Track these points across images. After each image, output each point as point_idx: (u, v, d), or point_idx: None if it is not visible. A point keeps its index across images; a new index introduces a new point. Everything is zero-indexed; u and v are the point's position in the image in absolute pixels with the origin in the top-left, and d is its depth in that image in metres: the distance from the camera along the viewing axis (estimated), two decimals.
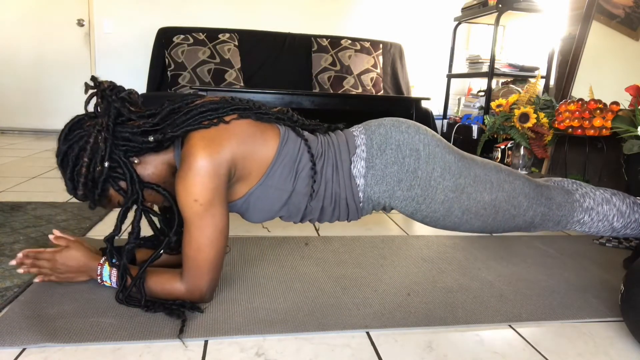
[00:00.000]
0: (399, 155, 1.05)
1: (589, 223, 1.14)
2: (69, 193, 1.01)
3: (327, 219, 1.11)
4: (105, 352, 0.84)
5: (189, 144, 0.96)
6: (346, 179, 1.06)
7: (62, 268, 1.04)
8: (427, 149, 1.06)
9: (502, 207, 1.07)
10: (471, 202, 1.05)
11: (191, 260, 0.97)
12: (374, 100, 3.30)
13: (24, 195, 1.94)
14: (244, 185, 1.03)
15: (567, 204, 1.12)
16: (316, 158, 1.05)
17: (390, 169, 1.05)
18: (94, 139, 0.96)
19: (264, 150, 1.02)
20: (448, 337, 0.96)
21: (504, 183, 1.08)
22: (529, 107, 2.48)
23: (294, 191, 1.04)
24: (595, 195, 1.15)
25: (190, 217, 0.95)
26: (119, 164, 0.98)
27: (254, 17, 4.04)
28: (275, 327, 0.95)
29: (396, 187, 1.05)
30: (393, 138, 1.07)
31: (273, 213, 1.07)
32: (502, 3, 3.18)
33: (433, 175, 1.04)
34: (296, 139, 1.06)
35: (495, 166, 1.11)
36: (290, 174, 1.03)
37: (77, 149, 0.97)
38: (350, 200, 1.07)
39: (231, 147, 0.98)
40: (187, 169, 0.93)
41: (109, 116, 0.97)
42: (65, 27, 4.01)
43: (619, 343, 0.97)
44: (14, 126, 4.10)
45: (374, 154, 1.06)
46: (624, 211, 1.15)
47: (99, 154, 0.96)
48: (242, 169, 1.00)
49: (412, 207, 1.06)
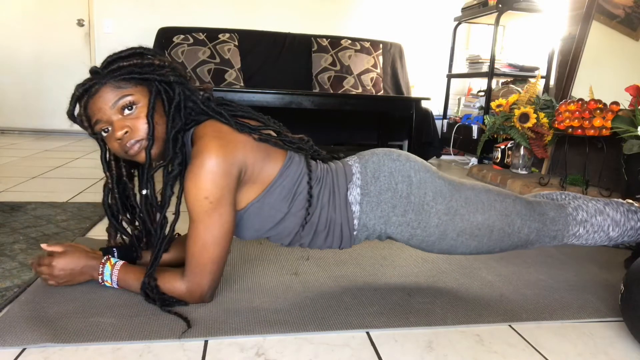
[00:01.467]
0: (392, 181, 1.07)
1: (584, 235, 1.15)
2: (109, 59, 1.00)
3: (319, 244, 1.11)
4: (105, 352, 0.84)
5: (202, 141, 0.96)
6: (342, 205, 1.07)
7: (62, 274, 1.04)
8: (418, 174, 1.08)
9: (496, 226, 1.08)
10: (465, 224, 1.06)
11: (195, 259, 0.97)
12: (374, 100, 3.30)
13: (24, 195, 1.94)
14: (245, 196, 1.02)
15: (560, 218, 1.13)
16: (314, 183, 1.05)
17: (385, 195, 1.06)
18: (169, 69, 1.00)
19: (270, 165, 1.02)
20: (448, 337, 0.96)
21: (495, 202, 1.09)
22: (529, 107, 2.48)
23: (289, 213, 1.04)
24: (588, 207, 1.16)
25: (199, 214, 0.94)
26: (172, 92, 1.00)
27: (254, 17, 4.04)
28: (275, 327, 0.95)
29: (391, 213, 1.06)
30: (386, 166, 1.09)
31: (263, 232, 1.07)
32: (502, 3, 3.18)
33: (425, 199, 1.06)
34: (299, 163, 1.06)
35: (483, 187, 1.12)
36: (288, 195, 1.03)
37: (150, 58, 1.00)
38: (344, 226, 1.08)
39: (244, 150, 0.98)
40: (199, 166, 0.93)
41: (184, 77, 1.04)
42: (65, 27, 4.01)
43: (619, 343, 0.97)
44: (14, 126, 4.11)
45: (368, 181, 1.07)
46: (618, 220, 1.15)
47: (171, 73, 1.00)
48: (250, 173, 0.99)
49: (407, 232, 1.07)
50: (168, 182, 0.99)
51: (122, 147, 0.98)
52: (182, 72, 1.03)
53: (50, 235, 1.44)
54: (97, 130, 0.99)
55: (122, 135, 0.96)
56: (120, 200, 1.09)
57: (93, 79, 0.97)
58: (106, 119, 0.97)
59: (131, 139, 0.97)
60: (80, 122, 1.00)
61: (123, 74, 0.97)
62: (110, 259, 1.06)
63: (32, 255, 1.25)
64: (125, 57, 0.99)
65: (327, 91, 3.61)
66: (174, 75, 1.01)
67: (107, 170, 1.08)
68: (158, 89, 0.99)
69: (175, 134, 0.99)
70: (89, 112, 0.98)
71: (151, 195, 1.03)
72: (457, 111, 3.99)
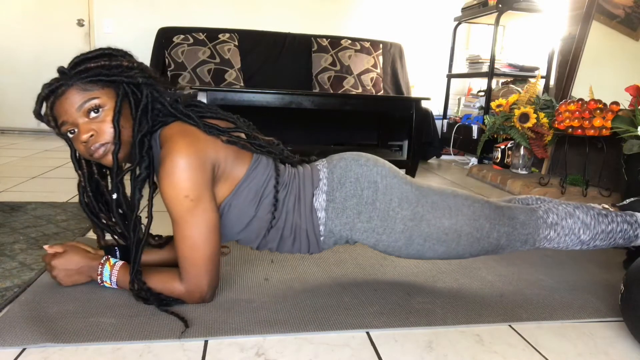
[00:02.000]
0: (358, 187, 1.06)
1: (556, 239, 1.15)
2: (76, 60, 0.98)
3: (287, 249, 1.11)
4: (105, 352, 0.84)
5: (171, 141, 0.95)
6: (307, 211, 1.06)
7: (62, 274, 1.04)
8: (385, 180, 1.07)
9: (464, 230, 1.07)
10: (431, 229, 1.06)
11: (187, 260, 0.96)
12: (374, 100, 3.29)
13: (24, 195, 1.94)
14: (217, 195, 1.01)
15: (531, 222, 1.13)
16: (281, 187, 1.05)
17: (350, 201, 1.06)
18: (137, 71, 0.99)
19: (238, 167, 1.02)
20: (448, 337, 0.96)
21: (462, 207, 1.08)
22: (529, 107, 2.48)
23: (255, 216, 1.04)
24: (559, 210, 1.16)
25: (181, 214, 0.93)
26: (140, 94, 0.99)
27: (254, 17, 4.04)
28: (275, 327, 0.95)
29: (356, 219, 1.06)
30: (352, 171, 1.08)
31: (233, 234, 1.07)
32: (502, 3, 3.18)
33: (391, 205, 1.05)
34: (267, 166, 1.06)
35: (452, 192, 1.12)
36: (255, 198, 1.03)
37: (118, 59, 0.99)
38: (310, 232, 1.07)
39: (215, 147, 0.98)
40: (172, 166, 0.92)
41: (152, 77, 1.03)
42: (65, 27, 4.01)
43: (619, 343, 0.97)
44: (14, 126, 4.10)
45: (334, 187, 1.07)
46: (588, 223, 1.16)
47: (139, 75, 0.98)
48: (222, 171, 0.99)
49: (373, 238, 1.07)
50: (136, 185, 0.98)
51: (87, 150, 0.97)
52: (151, 72, 1.02)
53: (50, 235, 1.44)
54: (63, 131, 0.98)
55: (87, 139, 0.96)
56: (95, 197, 1.08)
57: (60, 79, 0.96)
58: (72, 121, 0.96)
59: (96, 142, 0.96)
60: (47, 122, 0.99)
61: (90, 76, 0.95)
62: (110, 259, 1.06)
63: (32, 256, 1.25)
64: (93, 58, 0.98)
65: (327, 91, 3.61)
66: (142, 76, 0.99)
67: (78, 169, 1.06)
68: (125, 91, 0.98)
69: (142, 138, 0.98)
70: (55, 112, 0.97)
71: (121, 198, 1.02)
72: (457, 111, 3.99)
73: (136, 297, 0.99)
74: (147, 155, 0.99)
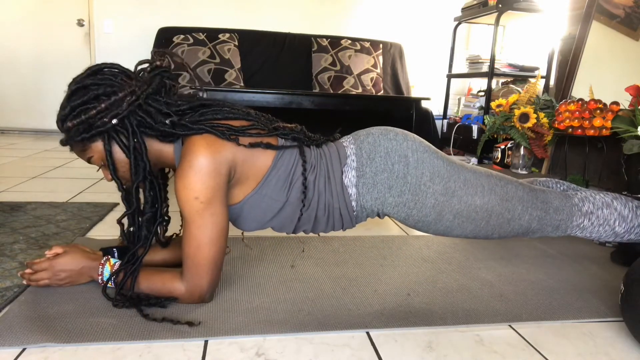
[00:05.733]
0: (388, 162, 1.06)
1: (589, 228, 1.13)
2: (58, 118, 0.98)
3: (321, 229, 1.12)
4: (105, 352, 0.84)
5: (190, 141, 0.96)
6: (338, 189, 1.07)
7: (62, 274, 1.04)
8: (416, 154, 1.07)
9: (495, 210, 1.06)
10: (462, 206, 1.05)
11: (191, 259, 0.97)
12: (374, 100, 3.30)
13: (24, 195, 1.94)
14: (240, 191, 1.03)
15: (565, 208, 1.12)
16: (309, 170, 1.05)
17: (380, 176, 1.06)
18: (122, 95, 0.95)
19: (262, 158, 1.02)
20: (448, 337, 0.96)
21: (495, 187, 1.07)
22: (529, 107, 2.48)
23: (287, 202, 1.04)
24: (595, 200, 1.14)
25: (191, 215, 0.95)
26: (126, 131, 0.97)
27: (254, 17, 4.04)
28: (275, 327, 0.95)
29: (387, 194, 1.06)
30: (382, 146, 1.07)
31: (264, 222, 1.08)
32: (502, 3, 3.18)
33: (422, 179, 1.05)
34: (292, 151, 1.06)
35: (485, 171, 1.11)
36: (284, 184, 1.03)
37: (100, 91, 0.95)
38: (343, 209, 1.08)
39: (233, 148, 0.98)
40: (187, 167, 0.93)
41: (149, 86, 0.98)
42: (65, 27, 4.01)
43: (619, 343, 0.97)
44: (14, 126, 4.11)
45: (363, 162, 1.07)
46: (625, 215, 1.14)
47: (116, 110, 0.95)
48: (241, 172, 1.00)
49: (404, 212, 1.06)
50: (142, 224, 1.02)
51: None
52: (141, 88, 0.97)
53: (50, 235, 1.44)
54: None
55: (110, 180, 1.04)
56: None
57: (61, 140, 1.00)
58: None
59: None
60: None
61: (75, 138, 0.97)
62: (110, 259, 1.06)
63: (32, 256, 1.25)
64: (69, 115, 0.96)
65: (327, 91, 3.61)
66: (127, 105, 0.95)
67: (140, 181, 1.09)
68: (110, 138, 0.97)
69: (137, 185, 1.00)
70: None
71: (136, 231, 1.07)
72: (457, 111, 3.99)
73: (115, 303, 0.98)
74: (150, 194, 1.02)
